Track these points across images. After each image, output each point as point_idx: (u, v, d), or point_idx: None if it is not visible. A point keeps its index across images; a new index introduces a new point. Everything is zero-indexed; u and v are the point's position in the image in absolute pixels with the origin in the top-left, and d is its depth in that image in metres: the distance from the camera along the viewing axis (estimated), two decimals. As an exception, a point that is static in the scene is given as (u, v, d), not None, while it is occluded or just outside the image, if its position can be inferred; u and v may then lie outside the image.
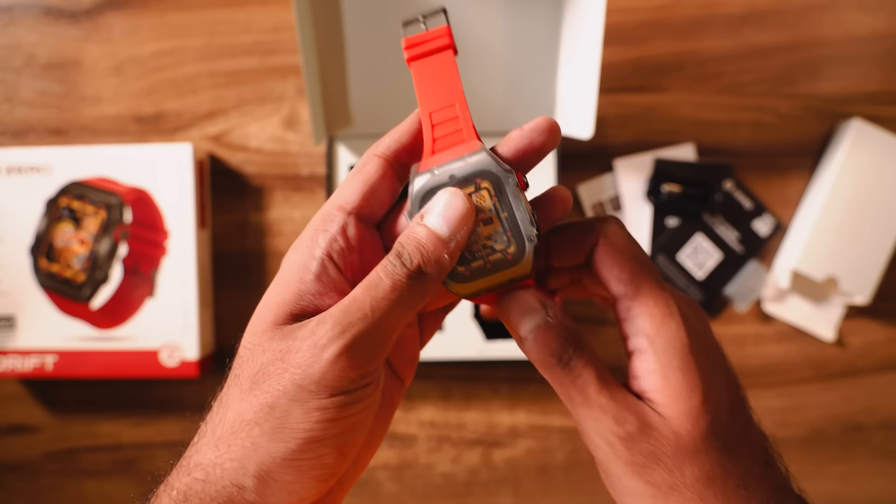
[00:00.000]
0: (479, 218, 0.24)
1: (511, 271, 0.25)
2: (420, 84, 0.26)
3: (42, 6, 0.58)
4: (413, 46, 0.27)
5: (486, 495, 0.59)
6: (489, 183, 0.24)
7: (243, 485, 0.22)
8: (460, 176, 0.24)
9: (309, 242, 0.25)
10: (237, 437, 0.23)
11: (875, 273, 0.55)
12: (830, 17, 0.58)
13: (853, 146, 0.55)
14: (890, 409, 0.59)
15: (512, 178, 0.24)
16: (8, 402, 0.60)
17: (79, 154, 0.55)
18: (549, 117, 0.26)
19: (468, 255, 0.25)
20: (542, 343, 0.25)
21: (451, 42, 0.26)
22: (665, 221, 0.58)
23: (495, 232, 0.24)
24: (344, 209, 0.25)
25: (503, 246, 0.24)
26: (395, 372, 0.29)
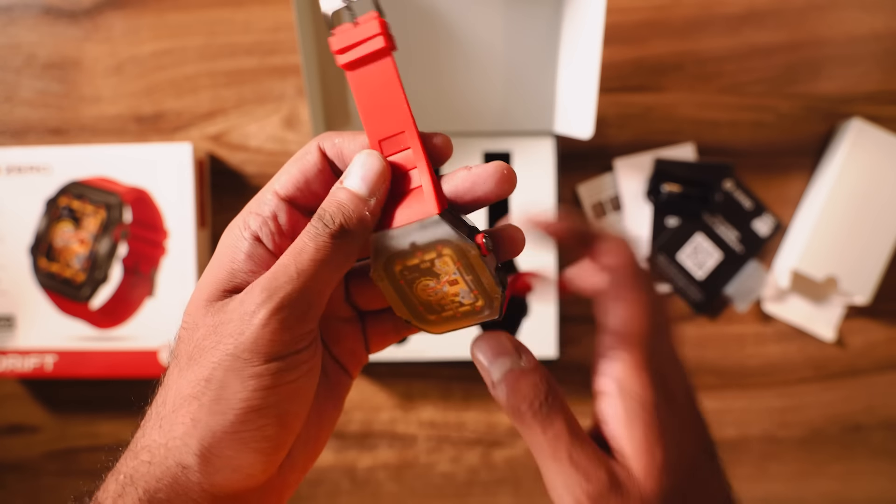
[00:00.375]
0: (445, 280, 0.24)
1: (480, 317, 0.25)
2: (361, 102, 0.24)
3: (42, 6, 0.58)
4: (343, 51, 0.24)
5: (486, 495, 0.59)
6: (450, 249, 0.23)
7: (186, 463, 0.22)
8: (420, 243, 0.24)
9: (241, 223, 0.25)
10: (178, 414, 0.23)
11: (875, 273, 0.55)
12: (830, 16, 0.58)
13: (853, 146, 0.55)
14: (890, 409, 0.59)
15: (472, 249, 0.23)
16: (8, 402, 0.60)
17: (79, 154, 0.55)
18: (504, 164, 0.24)
19: (437, 308, 0.25)
20: (514, 388, 0.24)
21: (387, 42, 0.24)
22: (665, 221, 0.58)
23: (462, 290, 0.25)
24: (278, 195, 0.25)
25: (471, 301, 0.25)
26: (338, 362, 0.29)
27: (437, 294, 0.25)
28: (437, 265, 0.24)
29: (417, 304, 0.25)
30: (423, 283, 0.24)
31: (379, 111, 0.24)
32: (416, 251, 0.24)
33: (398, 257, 0.24)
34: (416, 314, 0.26)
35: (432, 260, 0.24)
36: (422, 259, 0.24)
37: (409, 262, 0.24)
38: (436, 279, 0.24)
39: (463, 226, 0.24)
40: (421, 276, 0.24)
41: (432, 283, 0.24)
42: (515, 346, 0.25)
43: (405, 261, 0.24)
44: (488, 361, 0.25)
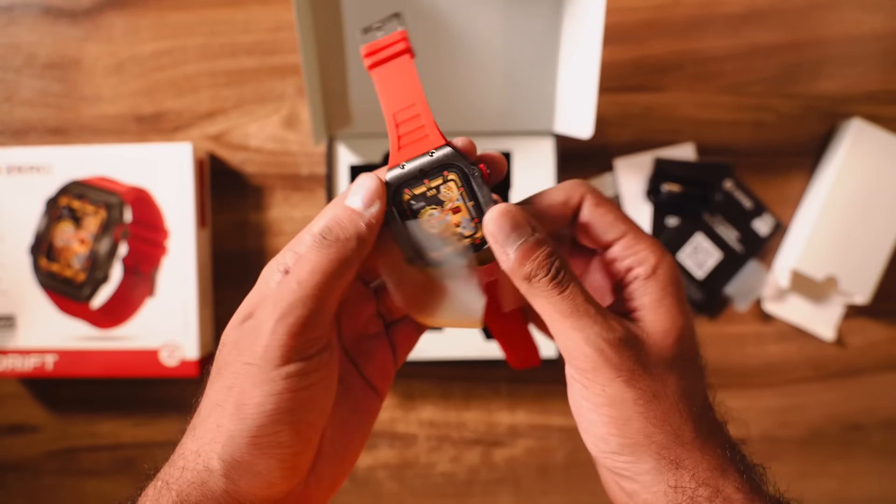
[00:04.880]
0: (448, 208, 0.27)
1: (478, 255, 0.27)
2: (381, 89, 0.28)
3: (42, 6, 0.58)
4: (371, 54, 0.29)
5: (486, 495, 0.59)
6: (455, 174, 0.27)
7: (212, 467, 0.24)
8: (428, 169, 0.27)
9: (278, 258, 0.27)
10: (207, 421, 0.25)
11: (875, 273, 0.55)
12: (830, 16, 0.58)
13: (853, 146, 0.55)
14: (890, 409, 0.59)
15: (476, 171, 0.26)
16: (8, 401, 0.60)
17: (79, 153, 0.55)
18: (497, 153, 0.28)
19: (439, 241, 0.27)
20: (529, 256, 0.26)
21: (408, 46, 0.28)
22: (665, 221, 0.58)
23: (463, 220, 0.27)
24: (311, 232, 0.27)
25: (471, 232, 0.27)
26: (368, 382, 0.30)
27: (441, 225, 0.27)
28: (443, 191, 0.27)
29: (421, 240, 0.27)
30: (428, 212, 0.27)
31: (395, 91, 0.28)
32: (424, 178, 0.27)
33: (406, 185, 0.27)
34: (419, 251, 0.27)
35: (438, 186, 0.27)
36: (428, 186, 0.27)
37: (416, 191, 0.27)
38: (440, 207, 0.27)
39: (467, 157, 0.27)
40: (427, 204, 0.27)
41: (436, 211, 0.27)
42: (528, 221, 0.26)
43: (413, 188, 0.27)
44: (504, 234, 0.26)
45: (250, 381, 0.24)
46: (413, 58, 0.28)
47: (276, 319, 0.24)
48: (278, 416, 0.24)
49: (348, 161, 0.56)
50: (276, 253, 0.63)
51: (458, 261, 0.27)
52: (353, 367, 0.30)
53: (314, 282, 0.24)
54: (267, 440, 0.24)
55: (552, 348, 0.55)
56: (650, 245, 0.27)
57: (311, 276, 0.25)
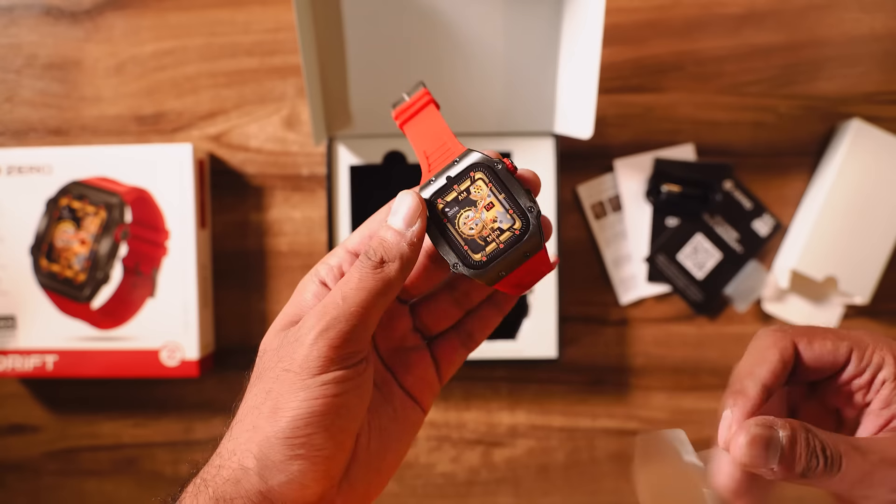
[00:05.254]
0: (482, 206, 0.27)
1: (523, 246, 0.27)
2: (413, 138, 0.30)
3: (42, 6, 0.58)
4: (401, 114, 0.31)
5: (486, 495, 0.59)
6: (482, 172, 0.27)
7: (247, 465, 0.25)
8: (455, 174, 0.27)
9: (313, 271, 0.29)
10: (244, 422, 0.26)
11: (875, 273, 0.55)
12: (830, 17, 0.58)
13: (853, 146, 0.55)
14: (890, 409, 0.59)
15: (500, 163, 0.27)
16: (8, 401, 0.60)
17: (79, 154, 0.55)
18: None
19: (480, 242, 0.27)
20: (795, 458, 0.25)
21: (431, 99, 0.31)
22: (665, 221, 0.58)
23: (499, 214, 0.27)
24: (346, 249, 0.29)
25: (509, 224, 0.27)
26: (409, 394, 0.31)
27: (478, 225, 0.27)
28: (473, 192, 0.27)
29: (462, 245, 0.27)
30: (463, 216, 0.27)
31: (425, 136, 0.30)
32: (453, 184, 0.27)
33: (438, 195, 0.27)
34: (462, 256, 0.27)
35: (467, 188, 0.27)
36: (458, 190, 0.27)
37: (447, 197, 0.27)
38: (473, 207, 0.27)
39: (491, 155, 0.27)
40: (460, 208, 0.27)
41: (471, 212, 0.27)
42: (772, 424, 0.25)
43: (445, 196, 0.27)
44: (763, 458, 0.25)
45: (287, 387, 0.25)
46: (438, 108, 0.30)
47: (319, 332, 0.25)
48: (312, 420, 0.25)
49: (348, 161, 0.56)
50: (277, 253, 0.63)
51: (503, 258, 0.27)
52: (391, 377, 0.31)
53: (359, 299, 0.25)
54: (301, 441, 0.24)
55: (552, 348, 0.55)
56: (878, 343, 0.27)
57: (357, 294, 0.26)
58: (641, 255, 0.58)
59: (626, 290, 0.58)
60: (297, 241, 0.58)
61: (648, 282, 0.58)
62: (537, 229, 0.26)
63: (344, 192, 0.56)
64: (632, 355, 0.58)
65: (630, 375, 0.58)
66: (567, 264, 0.58)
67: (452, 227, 0.27)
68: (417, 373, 0.31)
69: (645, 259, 0.58)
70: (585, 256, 0.58)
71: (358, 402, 0.26)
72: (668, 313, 0.58)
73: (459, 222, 0.27)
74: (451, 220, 0.27)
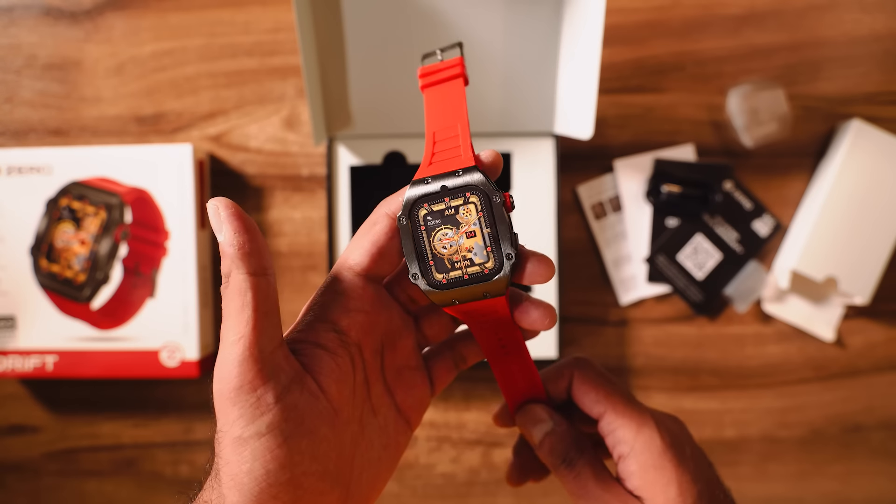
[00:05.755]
0: (464, 230, 0.25)
1: (486, 286, 0.25)
2: (428, 107, 0.28)
3: (42, 6, 0.58)
4: (427, 75, 0.29)
5: (486, 495, 0.59)
6: (477, 198, 0.25)
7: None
8: (451, 187, 0.26)
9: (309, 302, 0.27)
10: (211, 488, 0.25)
11: (875, 273, 0.55)
12: (830, 17, 0.58)
13: (853, 146, 0.55)
14: (890, 409, 0.59)
15: (499, 197, 0.25)
16: (8, 402, 0.60)
17: (79, 154, 0.55)
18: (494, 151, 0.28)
19: (447, 265, 0.26)
20: (550, 446, 0.31)
21: (463, 72, 0.28)
22: (665, 221, 0.58)
23: (476, 246, 0.25)
24: (353, 270, 0.27)
25: (482, 260, 0.25)
26: (402, 414, 0.30)
27: (453, 247, 0.26)
28: (461, 213, 0.26)
29: (429, 260, 0.26)
30: (441, 232, 0.26)
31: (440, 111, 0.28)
32: (445, 195, 0.26)
33: (426, 199, 0.26)
34: (425, 270, 0.26)
35: (457, 207, 0.26)
36: (448, 205, 0.26)
37: (435, 207, 0.26)
38: (455, 228, 0.26)
39: (494, 184, 0.26)
40: (442, 223, 0.26)
41: (451, 232, 0.26)
42: (549, 414, 0.32)
43: (433, 204, 0.26)
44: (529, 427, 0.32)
45: (229, 448, 0.23)
46: (466, 84, 0.29)
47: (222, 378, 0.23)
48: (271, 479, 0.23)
49: (348, 162, 0.56)
50: (277, 254, 0.63)
51: (463, 288, 0.26)
52: (390, 401, 0.29)
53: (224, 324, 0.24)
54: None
55: (552, 348, 0.55)
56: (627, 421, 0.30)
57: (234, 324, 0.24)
58: (641, 255, 0.58)
59: (626, 290, 0.58)
60: (297, 241, 0.58)
61: (648, 282, 0.58)
62: (506, 277, 0.25)
63: (344, 193, 0.56)
64: (632, 356, 0.58)
65: (630, 376, 0.58)
66: (567, 264, 0.58)
67: (427, 239, 0.26)
68: (416, 393, 0.30)
69: (645, 259, 0.58)
70: (585, 257, 0.58)
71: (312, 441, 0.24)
72: (668, 314, 0.58)
73: (436, 237, 0.26)
74: (428, 230, 0.26)
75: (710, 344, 0.58)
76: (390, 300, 0.29)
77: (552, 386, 0.33)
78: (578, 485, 0.30)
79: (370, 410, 0.28)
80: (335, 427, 0.25)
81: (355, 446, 0.27)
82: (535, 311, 0.27)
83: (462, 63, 0.29)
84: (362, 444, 0.27)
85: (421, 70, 0.29)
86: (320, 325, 0.26)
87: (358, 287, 0.27)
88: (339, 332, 0.26)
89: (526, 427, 0.32)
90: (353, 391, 0.26)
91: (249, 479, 0.23)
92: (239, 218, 0.24)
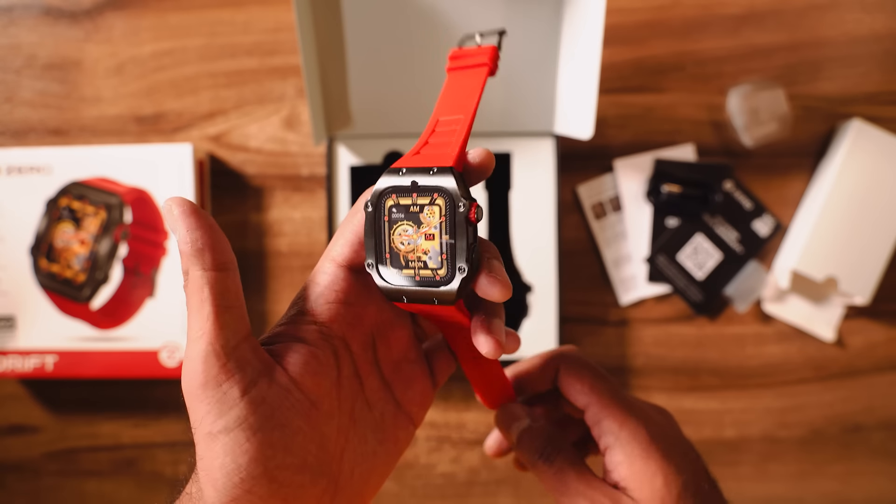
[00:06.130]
0: (423, 231, 0.25)
1: (436, 293, 0.25)
2: (444, 93, 0.28)
3: (42, 6, 0.58)
4: (455, 59, 0.28)
5: (486, 495, 0.59)
6: (443, 201, 0.24)
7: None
8: (421, 185, 0.25)
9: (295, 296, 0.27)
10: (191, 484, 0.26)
11: (875, 273, 0.55)
12: (830, 17, 0.58)
13: (853, 146, 0.55)
14: (890, 410, 0.59)
15: (464, 206, 0.24)
16: (8, 402, 0.60)
17: (79, 154, 0.55)
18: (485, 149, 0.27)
19: (402, 262, 0.25)
20: (528, 443, 0.32)
21: (490, 63, 0.28)
22: (665, 221, 0.58)
23: (433, 250, 0.25)
24: (335, 261, 0.27)
25: (435, 266, 0.25)
26: (403, 410, 0.29)
27: (410, 245, 0.25)
28: (425, 213, 0.25)
29: (385, 253, 0.25)
30: (402, 228, 0.25)
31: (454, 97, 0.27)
32: (413, 191, 0.25)
33: (395, 191, 0.25)
34: (380, 258, 0.25)
35: (423, 206, 0.25)
36: (414, 202, 0.25)
37: (402, 200, 0.25)
38: (416, 227, 0.25)
39: (466, 191, 0.25)
40: (405, 219, 0.25)
41: (412, 229, 0.25)
42: (526, 412, 0.33)
43: (400, 197, 0.25)
44: (506, 425, 0.33)
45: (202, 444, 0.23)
46: (491, 75, 0.28)
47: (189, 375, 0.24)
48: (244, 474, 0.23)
49: (348, 162, 0.56)
50: (277, 254, 0.63)
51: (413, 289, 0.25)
52: (388, 395, 0.29)
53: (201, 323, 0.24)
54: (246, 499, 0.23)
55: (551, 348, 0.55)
56: (612, 412, 0.30)
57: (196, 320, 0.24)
58: (641, 255, 0.58)
59: (626, 290, 0.58)
60: (297, 241, 0.58)
61: (648, 282, 0.58)
62: (455, 289, 0.24)
63: (344, 193, 0.56)
64: (632, 356, 0.58)
65: (630, 376, 0.58)
66: (567, 264, 0.58)
67: (387, 231, 0.25)
68: (417, 387, 0.30)
69: (645, 259, 0.58)
70: (585, 257, 0.58)
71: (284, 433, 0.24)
72: (668, 314, 0.58)
73: (396, 231, 0.25)
74: (391, 222, 0.25)
75: (710, 344, 0.58)
76: (377, 292, 0.28)
77: (538, 375, 0.33)
78: (558, 480, 0.30)
79: (364, 404, 0.28)
80: (311, 419, 0.25)
81: (345, 440, 0.26)
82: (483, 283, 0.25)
83: (494, 53, 0.28)
84: (354, 438, 0.27)
85: (452, 52, 0.28)
86: (300, 319, 0.26)
87: (340, 279, 0.26)
88: (320, 325, 0.26)
89: (503, 425, 0.33)
90: (337, 384, 0.26)
91: (222, 473, 0.23)
92: (193, 214, 0.24)
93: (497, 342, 0.25)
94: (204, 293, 0.23)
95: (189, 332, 0.24)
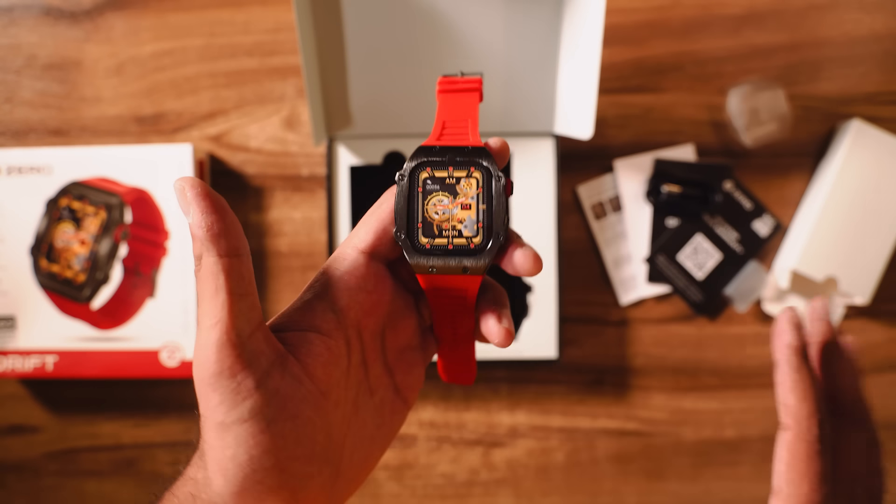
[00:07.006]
0: (460, 201, 0.26)
1: (468, 261, 0.26)
2: (442, 107, 0.29)
3: (42, 6, 0.58)
4: (446, 83, 0.29)
5: (486, 495, 0.59)
6: (480, 174, 0.26)
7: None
8: (458, 159, 0.26)
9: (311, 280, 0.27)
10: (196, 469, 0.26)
11: (875, 273, 0.55)
12: (830, 17, 0.58)
13: (853, 146, 0.55)
14: (890, 409, 0.59)
15: (504, 179, 0.26)
16: (8, 402, 0.60)
17: (79, 154, 0.55)
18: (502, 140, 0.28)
19: (435, 231, 0.26)
20: None
21: (480, 88, 0.29)
22: (665, 221, 0.58)
23: (469, 219, 0.26)
24: (357, 248, 0.27)
25: (471, 234, 0.26)
26: (399, 393, 0.29)
27: (445, 215, 0.26)
28: (462, 184, 0.26)
29: (418, 222, 0.26)
30: (437, 198, 0.26)
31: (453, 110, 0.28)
32: (450, 165, 0.26)
33: (431, 165, 0.26)
34: (411, 231, 0.26)
35: (459, 178, 0.26)
36: (450, 174, 0.26)
37: (437, 173, 0.26)
38: (452, 197, 0.26)
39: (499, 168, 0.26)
40: (441, 190, 0.26)
41: (447, 199, 0.26)
42: None
43: (435, 170, 0.26)
44: None
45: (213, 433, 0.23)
46: (481, 101, 0.29)
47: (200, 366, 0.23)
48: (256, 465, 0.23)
49: (348, 162, 0.56)
50: (277, 254, 0.63)
51: (444, 258, 0.26)
52: (389, 382, 0.29)
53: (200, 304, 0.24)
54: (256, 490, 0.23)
55: (551, 348, 0.55)
56: None
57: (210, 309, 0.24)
58: (641, 255, 0.58)
59: (626, 290, 0.58)
60: (297, 241, 0.58)
61: (648, 282, 0.58)
62: (489, 256, 0.25)
63: (344, 193, 0.56)
64: (632, 356, 0.58)
65: (630, 376, 0.58)
66: (567, 264, 0.58)
67: (421, 201, 0.26)
68: (416, 372, 0.30)
69: (645, 259, 0.58)
70: (585, 257, 0.58)
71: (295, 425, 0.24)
72: (668, 314, 0.58)
73: (431, 202, 0.26)
74: (425, 193, 0.26)
75: (710, 344, 0.58)
76: (394, 280, 0.28)
77: None
78: None
79: (367, 391, 0.28)
80: (321, 409, 0.25)
81: (347, 426, 0.26)
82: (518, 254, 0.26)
83: (481, 83, 0.30)
84: (355, 425, 0.27)
85: (441, 78, 0.30)
86: (318, 304, 0.26)
87: (361, 265, 0.26)
88: (337, 312, 0.26)
89: None
90: (346, 373, 0.26)
91: (233, 464, 0.22)
92: (207, 197, 0.23)
93: (508, 331, 0.26)
94: (219, 280, 0.23)
95: (202, 319, 0.23)
